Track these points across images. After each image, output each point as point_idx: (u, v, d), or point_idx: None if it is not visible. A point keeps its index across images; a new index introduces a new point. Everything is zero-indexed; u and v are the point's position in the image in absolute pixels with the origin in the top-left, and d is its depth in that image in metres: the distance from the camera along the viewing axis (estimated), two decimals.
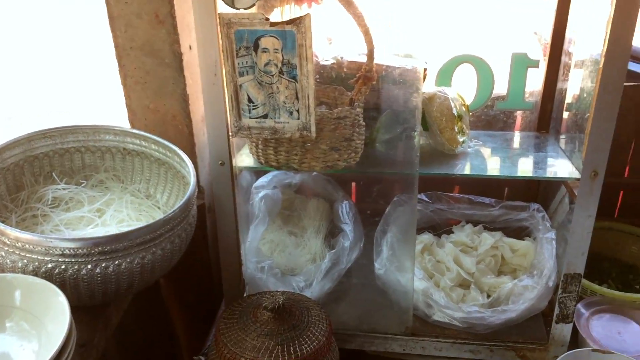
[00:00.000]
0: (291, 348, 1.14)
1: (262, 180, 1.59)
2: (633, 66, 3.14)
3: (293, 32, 1.08)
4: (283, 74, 1.12)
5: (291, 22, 1.07)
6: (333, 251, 1.49)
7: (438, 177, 1.74)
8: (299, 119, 1.16)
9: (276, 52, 1.11)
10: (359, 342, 1.40)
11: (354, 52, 1.36)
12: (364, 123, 1.28)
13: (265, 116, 1.17)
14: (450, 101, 1.40)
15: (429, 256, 1.53)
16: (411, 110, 1.22)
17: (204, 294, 1.69)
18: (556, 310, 1.29)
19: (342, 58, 1.37)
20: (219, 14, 1.08)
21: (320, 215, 1.66)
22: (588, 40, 1.25)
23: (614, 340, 1.40)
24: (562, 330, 1.31)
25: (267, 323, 1.18)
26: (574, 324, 1.41)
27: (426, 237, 1.58)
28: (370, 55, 1.22)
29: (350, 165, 1.28)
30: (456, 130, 1.40)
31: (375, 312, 1.43)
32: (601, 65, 1.05)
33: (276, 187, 1.62)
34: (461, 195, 1.66)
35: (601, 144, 1.11)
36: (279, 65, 1.12)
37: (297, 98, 1.14)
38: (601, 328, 1.42)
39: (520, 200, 1.63)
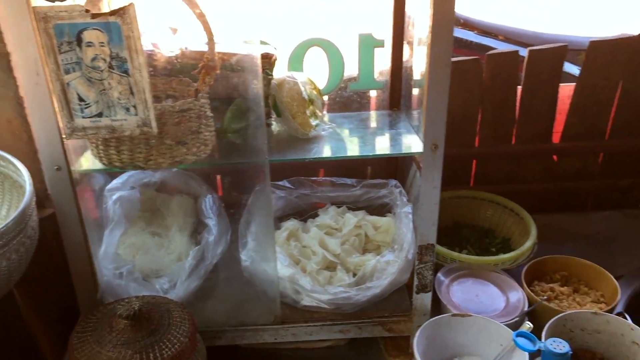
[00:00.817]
0: (151, 354, 1.10)
1: (117, 181, 1.51)
2: (483, 40, 3.35)
3: (118, 24, 1.02)
4: (113, 69, 1.06)
5: (114, 13, 1.01)
6: (197, 248, 1.45)
7: (301, 162, 1.75)
8: (137, 115, 1.11)
9: (102, 46, 1.04)
10: (229, 338, 1.38)
11: (200, 42, 1.32)
12: (211, 114, 1.25)
13: (100, 115, 1.10)
14: (300, 85, 1.40)
15: (295, 242, 1.53)
16: (255, 98, 1.20)
17: (69, 308, 1.59)
18: (415, 281, 1.33)
19: (186, 48, 1.33)
20: (33, 7, 1.00)
21: (184, 212, 1.61)
22: (422, 18, 1.29)
23: (473, 303, 1.47)
24: (423, 300, 1.36)
25: (123, 332, 1.13)
26: (436, 291, 1.47)
27: (291, 224, 1.58)
28: (211, 43, 1.19)
29: (201, 158, 1.24)
30: (308, 114, 1.40)
31: (244, 305, 1.41)
32: (429, 42, 1.09)
33: (134, 187, 1.55)
34: (323, 179, 1.67)
35: (437, 117, 1.15)
36: (108, 59, 1.05)
37: (132, 93, 1.09)
38: (461, 293, 1.49)
39: (383, 177, 1.68)
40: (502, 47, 3.15)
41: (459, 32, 3.41)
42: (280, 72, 1.45)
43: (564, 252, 1.64)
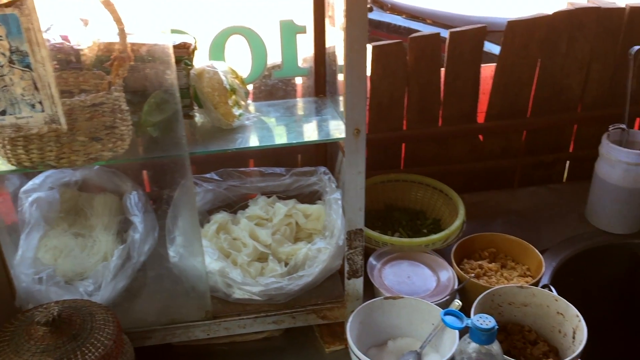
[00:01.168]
0: None
1: (33, 182, 1.45)
2: (412, 24, 3.39)
3: (16, 16, 0.96)
4: (14, 64, 1.00)
5: (10, 4, 0.95)
6: (122, 247, 1.40)
7: (230, 153, 1.71)
8: (43, 111, 1.05)
9: (0, 40, 0.98)
10: (160, 337, 1.34)
11: (113, 34, 1.27)
12: (127, 107, 1.20)
13: (3, 113, 1.04)
14: (221, 75, 1.36)
15: (225, 235, 1.50)
16: (170, 89, 1.16)
17: None
18: (346, 267, 1.33)
19: (99, 40, 1.27)
20: None
21: (109, 210, 1.56)
22: (339, 3, 1.28)
23: (405, 285, 1.49)
24: (355, 285, 1.36)
25: (42, 339, 1.08)
26: (368, 276, 1.48)
27: (220, 216, 1.55)
28: (122, 34, 1.14)
29: (118, 154, 1.19)
30: (231, 104, 1.37)
31: (174, 302, 1.38)
32: (344, 26, 1.08)
33: (53, 187, 1.49)
34: (252, 169, 1.65)
35: (358, 102, 1.14)
36: (7, 54, 0.99)
37: (36, 89, 1.03)
38: (393, 276, 1.50)
39: (314, 165, 1.67)
40: (429, 30, 3.19)
41: (388, 17, 3.44)
42: (200, 62, 1.41)
43: (493, 229, 1.68)
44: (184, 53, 1.33)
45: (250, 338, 1.45)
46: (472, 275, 1.48)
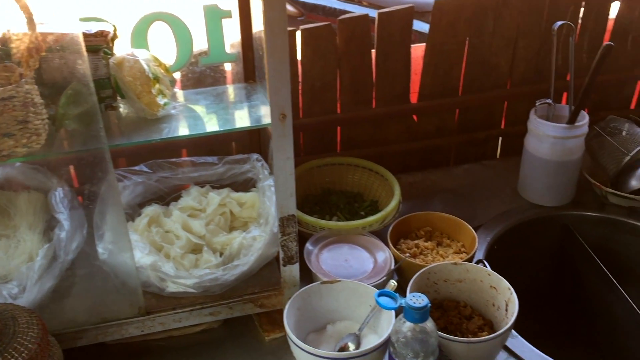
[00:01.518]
0: None
1: None
2: (347, 6, 3.38)
3: None
4: None
5: None
6: (47, 246, 1.34)
7: (162, 144, 1.67)
8: None
9: None
10: (91, 336, 1.30)
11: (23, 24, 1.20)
12: (41, 100, 1.14)
13: None
14: (142, 63, 1.32)
15: (157, 228, 1.46)
16: (84, 80, 1.12)
17: None
18: (281, 254, 1.32)
19: (9, 31, 1.21)
20: None
21: (33, 209, 1.49)
22: None
23: (343, 268, 1.48)
24: (291, 272, 1.35)
25: None
26: (306, 262, 1.47)
27: (152, 209, 1.50)
28: (30, 23, 1.09)
29: (34, 150, 1.14)
30: (154, 93, 1.33)
31: (105, 300, 1.33)
32: (263, 9, 1.05)
33: None
34: (183, 159, 1.61)
35: (281, 86, 1.12)
36: None
37: None
38: (330, 260, 1.50)
39: (247, 152, 1.64)
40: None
41: (323, 0, 3.43)
42: (122, 50, 1.36)
43: (430, 208, 1.69)
44: (102, 41, 1.28)
45: (187, 331, 1.42)
46: (408, 255, 1.49)
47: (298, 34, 1.71)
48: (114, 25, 1.35)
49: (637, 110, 2.11)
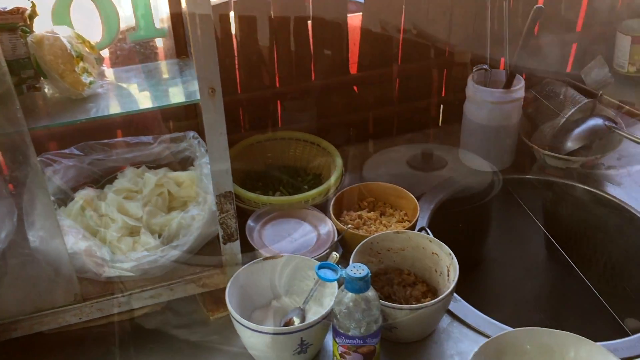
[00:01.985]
0: None
1: None
2: None
3: None
4: None
5: None
6: None
7: (95, 125, 1.62)
8: None
9: None
10: (26, 327, 1.26)
11: None
12: None
13: None
14: (64, 41, 1.25)
15: (92, 212, 1.41)
16: None
17: None
18: (220, 232, 1.29)
19: None
20: None
21: None
22: None
23: (286, 242, 1.47)
24: (232, 250, 1.32)
25: None
26: (248, 239, 1.45)
27: (85, 193, 1.45)
28: None
29: None
30: (78, 71, 1.27)
31: (38, 289, 1.28)
32: None
33: None
34: (116, 140, 1.55)
35: (208, 59, 1.09)
36: None
37: None
38: (273, 236, 1.48)
39: (185, 130, 1.60)
40: None
41: None
42: (43, 29, 1.29)
43: (375, 179, 1.69)
44: (18, 19, 1.22)
45: (130, 316, 1.38)
46: (350, 226, 1.48)
47: (231, 6, 1.66)
48: (32, 2, 1.28)
49: (573, 73, 2.15)
